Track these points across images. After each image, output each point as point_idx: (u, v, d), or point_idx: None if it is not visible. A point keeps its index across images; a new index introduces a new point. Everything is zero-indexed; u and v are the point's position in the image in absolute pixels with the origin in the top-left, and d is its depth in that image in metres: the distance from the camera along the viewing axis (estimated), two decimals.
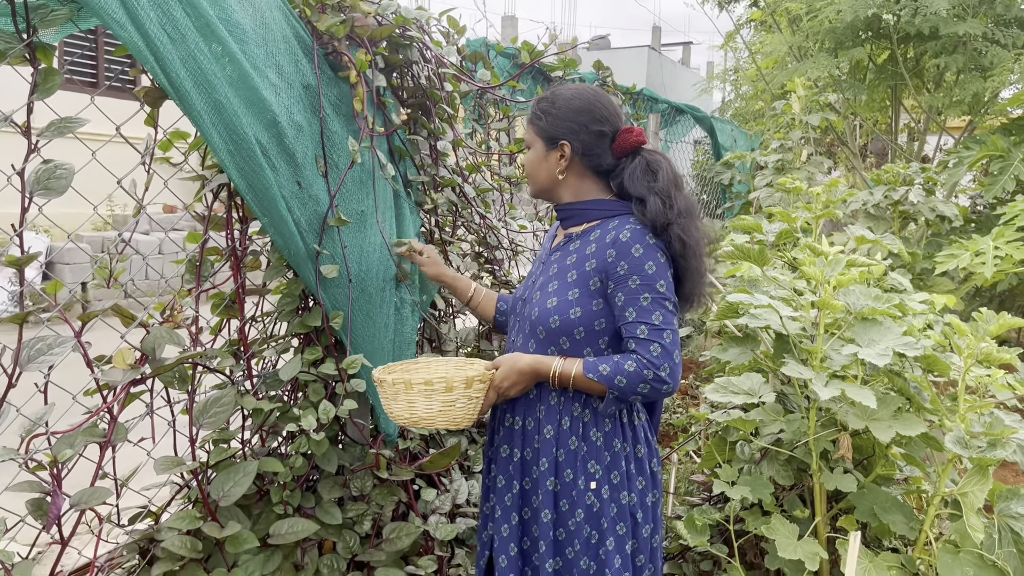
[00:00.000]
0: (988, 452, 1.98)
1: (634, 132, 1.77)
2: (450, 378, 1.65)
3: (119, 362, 1.66)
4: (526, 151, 1.86)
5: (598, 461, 1.73)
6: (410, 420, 1.67)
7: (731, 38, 9.03)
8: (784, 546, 2.11)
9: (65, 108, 1.63)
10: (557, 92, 1.81)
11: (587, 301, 1.70)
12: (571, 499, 1.72)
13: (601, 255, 1.70)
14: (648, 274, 1.65)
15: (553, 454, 1.74)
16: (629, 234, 1.68)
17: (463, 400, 1.67)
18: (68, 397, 1.75)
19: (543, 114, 1.79)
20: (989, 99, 6.15)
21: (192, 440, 1.84)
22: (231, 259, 1.99)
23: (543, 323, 1.73)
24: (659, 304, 1.65)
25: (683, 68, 26.70)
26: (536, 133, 1.81)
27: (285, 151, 1.84)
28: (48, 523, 1.54)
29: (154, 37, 1.51)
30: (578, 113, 1.76)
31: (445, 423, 1.68)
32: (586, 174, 1.80)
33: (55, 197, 1.49)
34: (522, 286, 1.92)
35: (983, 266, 3.76)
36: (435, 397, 1.64)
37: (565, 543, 1.73)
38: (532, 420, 1.79)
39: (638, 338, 1.64)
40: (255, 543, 1.84)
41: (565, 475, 1.73)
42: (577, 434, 1.73)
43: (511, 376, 1.72)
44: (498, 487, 1.83)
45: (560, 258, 1.81)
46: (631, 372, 1.63)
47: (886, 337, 2.14)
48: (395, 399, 1.67)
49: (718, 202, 7.22)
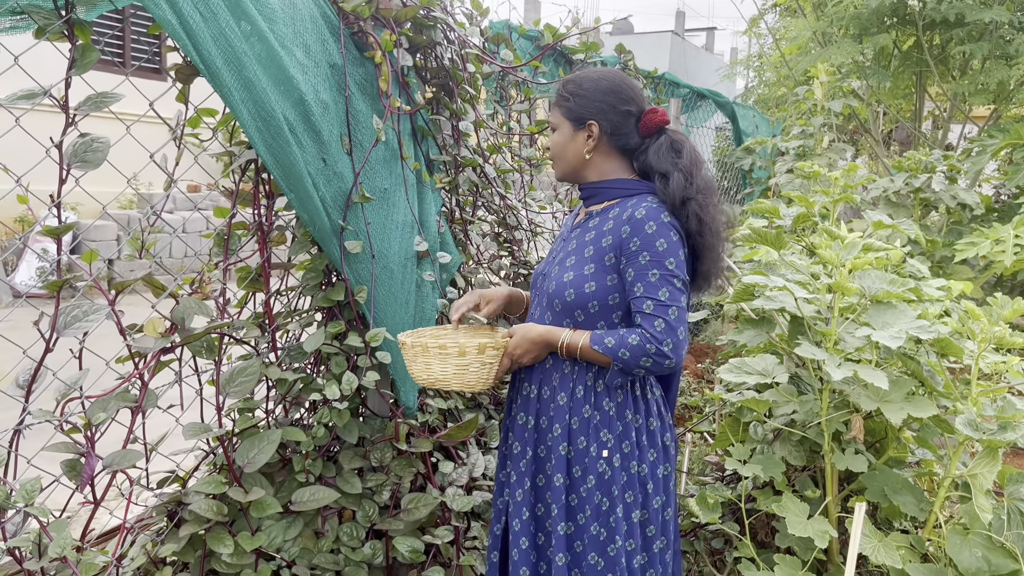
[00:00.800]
0: (998, 435, 2.00)
1: (659, 112, 1.81)
2: (463, 343, 1.76)
3: (150, 331, 1.72)
4: (550, 134, 1.90)
5: (610, 430, 1.78)
6: (428, 380, 1.80)
7: (755, 23, 8.97)
8: (795, 524, 2.15)
9: (95, 87, 1.68)
10: (582, 75, 1.85)
11: (602, 276, 1.75)
12: (583, 465, 1.78)
13: (616, 231, 1.75)
14: (659, 251, 1.69)
15: (567, 421, 1.79)
16: (645, 211, 1.72)
17: (476, 365, 1.78)
18: (101, 364, 1.81)
19: (571, 95, 1.82)
20: (1015, 87, 6.09)
21: (219, 408, 1.90)
22: (258, 234, 2.04)
23: (559, 296, 1.78)
24: (667, 281, 1.69)
25: (706, 54, 26.49)
26: (563, 114, 1.84)
27: (312, 128, 1.88)
28: (82, 483, 1.61)
29: (187, 15, 1.55)
30: (606, 94, 1.80)
31: (460, 385, 1.80)
32: (612, 154, 1.85)
33: (91, 169, 1.54)
34: (544, 262, 1.97)
35: (1003, 254, 3.75)
36: (449, 361, 1.77)
37: (576, 509, 1.79)
38: (548, 388, 1.84)
39: (644, 313, 1.68)
40: (278, 509, 1.90)
41: (578, 442, 1.78)
42: (590, 403, 1.79)
43: (523, 344, 1.80)
44: (514, 453, 1.89)
45: (580, 235, 1.85)
46: (634, 345, 1.67)
47: (900, 320, 2.16)
48: (414, 360, 1.80)
49: (738, 188, 7.20)
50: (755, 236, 2.68)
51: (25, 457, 1.64)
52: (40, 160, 1.64)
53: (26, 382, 1.58)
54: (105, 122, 1.86)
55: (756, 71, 10.91)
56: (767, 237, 2.66)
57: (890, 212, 4.55)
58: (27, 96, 1.46)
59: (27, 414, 1.57)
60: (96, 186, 3.31)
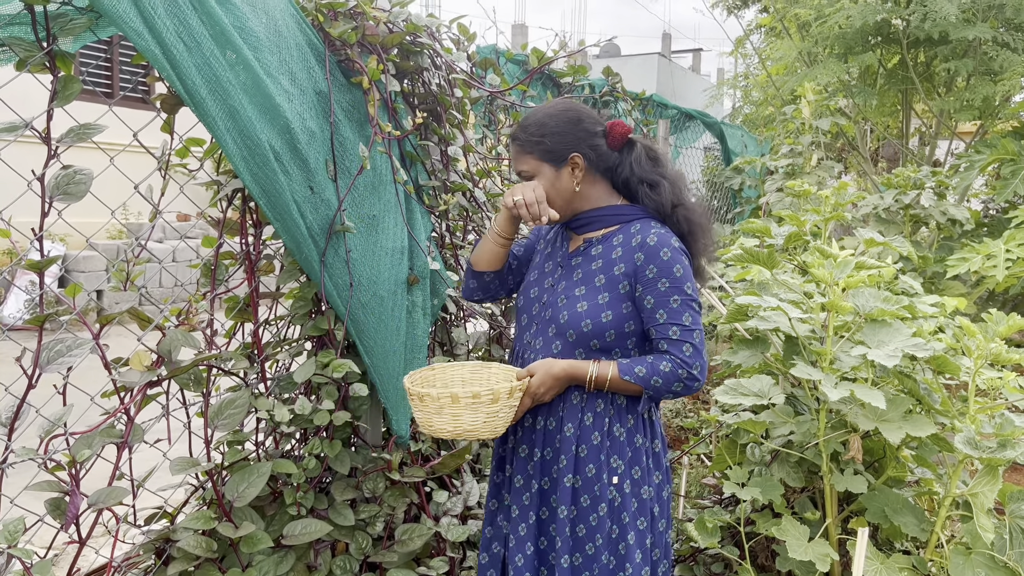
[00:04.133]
0: (998, 453, 1.98)
1: (620, 124, 1.83)
2: (497, 390, 1.65)
3: (136, 364, 1.69)
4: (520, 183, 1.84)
5: (620, 456, 1.76)
6: (453, 432, 1.66)
7: (740, 44, 9.05)
8: (795, 547, 2.12)
9: (81, 118, 1.66)
10: (537, 114, 1.82)
11: (617, 305, 1.75)
12: (592, 494, 1.75)
13: (629, 259, 1.75)
14: (676, 277, 1.71)
15: (573, 451, 1.76)
16: (656, 238, 1.73)
17: (506, 409, 1.69)
18: (86, 398, 1.77)
19: (541, 137, 1.79)
20: (1000, 103, 6.14)
21: (207, 441, 1.86)
22: (245, 263, 2.02)
23: (574, 327, 1.76)
24: (687, 306, 1.71)
25: (693, 75, 26.69)
26: (539, 158, 1.80)
27: (298, 156, 1.86)
28: (66, 522, 1.57)
29: (171, 45, 1.54)
30: (575, 123, 1.80)
31: (489, 433, 1.69)
32: (596, 179, 1.84)
33: (74, 202, 1.52)
34: (533, 284, 1.92)
35: (995, 269, 3.76)
36: (481, 409, 1.64)
37: (585, 539, 1.75)
38: (553, 419, 1.81)
39: (670, 339, 1.70)
40: (269, 543, 1.86)
41: (587, 470, 1.75)
42: (600, 430, 1.76)
43: (547, 382, 1.74)
44: (515, 487, 1.85)
45: (583, 263, 1.82)
46: (667, 372, 1.69)
47: (895, 338, 2.15)
48: (439, 413, 1.65)
49: (728, 207, 7.22)
50: (747, 256, 2.67)
51: (8, 496, 1.60)
52: (23, 193, 1.62)
53: (8, 419, 1.54)
54: (92, 152, 1.84)
55: (743, 91, 11.00)
56: (759, 257, 2.65)
57: (880, 229, 4.56)
58: (8, 129, 1.44)
59: (10, 452, 1.53)
60: (84, 217, 3.29)
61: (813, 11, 6.50)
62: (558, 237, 1.95)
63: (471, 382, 1.90)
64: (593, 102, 4.09)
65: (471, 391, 1.63)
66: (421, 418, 1.69)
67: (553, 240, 1.97)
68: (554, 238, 1.97)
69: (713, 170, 7.46)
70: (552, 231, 2.00)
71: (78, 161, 1.40)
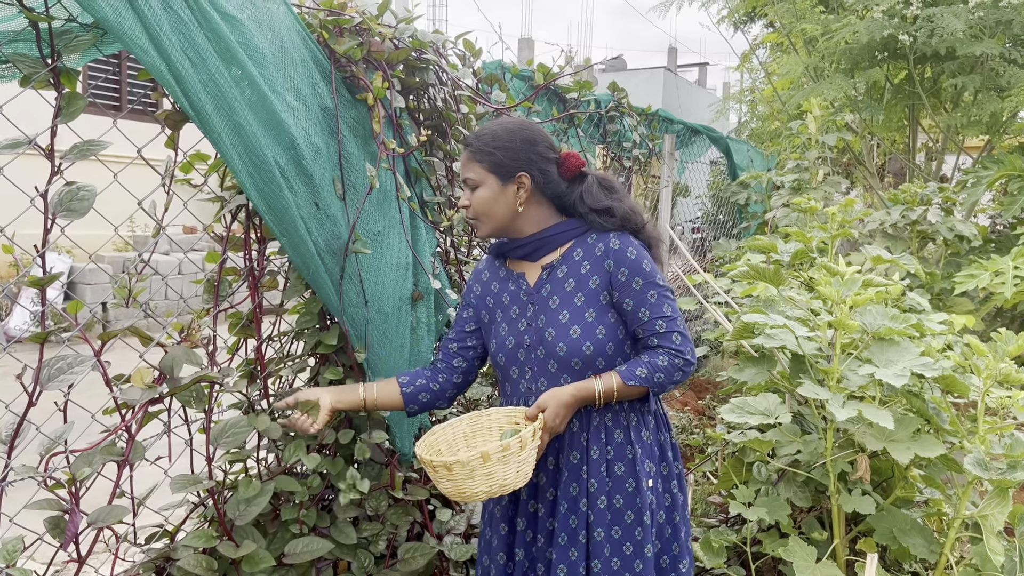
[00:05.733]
0: (1008, 474, 1.95)
1: (576, 156, 1.85)
2: (524, 435, 1.60)
3: (137, 381, 1.68)
4: (467, 192, 1.85)
5: (651, 459, 1.82)
6: (489, 492, 1.61)
7: (747, 59, 9.07)
8: (802, 569, 2.09)
9: (89, 131, 1.66)
10: (495, 127, 1.83)
11: (605, 318, 1.77)
12: (635, 507, 1.78)
13: (600, 269, 1.77)
14: (647, 272, 1.76)
15: (603, 473, 1.78)
16: (618, 241, 1.78)
17: (532, 454, 1.66)
18: (87, 416, 1.76)
19: (494, 149, 1.79)
20: (1007, 119, 6.13)
21: (209, 459, 1.85)
22: (249, 279, 2.01)
23: (576, 354, 1.76)
24: (664, 297, 1.76)
25: (699, 89, 26.76)
26: (487, 169, 1.80)
27: (303, 172, 1.86)
28: (66, 541, 1.55)
29: (176, 62, 1.53)
30: (531, 143, 1.81)
31: (522, 482, 1.64)
32: (542, 202, 1.85)
33: (77, 219, 1.51)
34: (506, 336, 1.87)
35: (1003, 286, 3.73)
36: (511, 460, 1.59)
37: (632, 553, 1.79)
38: (577, 452, 1.80)
39: (659, 333, 1.74)
40: (271, 562, 1.84)
41: (627, 486, 1.78)
42: (633, 442, 1.80)
43: (560, 412, 1.72)
44: (540, 535, 1.84)
45: (554, 289, 1.82)
46: (666, 366, 1.72)
47: (903, 357, 2.13)
48: (471, 477, 1.58)
49: (734, 222, 7.20)
50: (753, 272, 2.66)
51: (7, 515, 1.58)
52: (26, 209, 1.62)
53: (8, 437, 1.53)
54: (98, 166, 1.84)
55: (749, 106, 11.00)
56: (765, 273, 2.63)
57: (887, 245, 4.54)
58: (11, 146, 1.44)
59: (9, 470, 1.52)
60: (90, 229, 3.29)
61: (820, 26, 6.50)
62: (508, 281, 1.91)
63: (475, 435, 1.84)
64: (599, 118, 4.09)
65: (500, 444, 1.58)
66: (451, 487, 1.61)
67: (503, 285, 1.92)
68: (503, 283, 1.92)
69: (719, 185, 7.45)
70: (491, 279, 1.95)
71: (83, 174, 1.40)
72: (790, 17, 7.04)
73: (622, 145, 4.40)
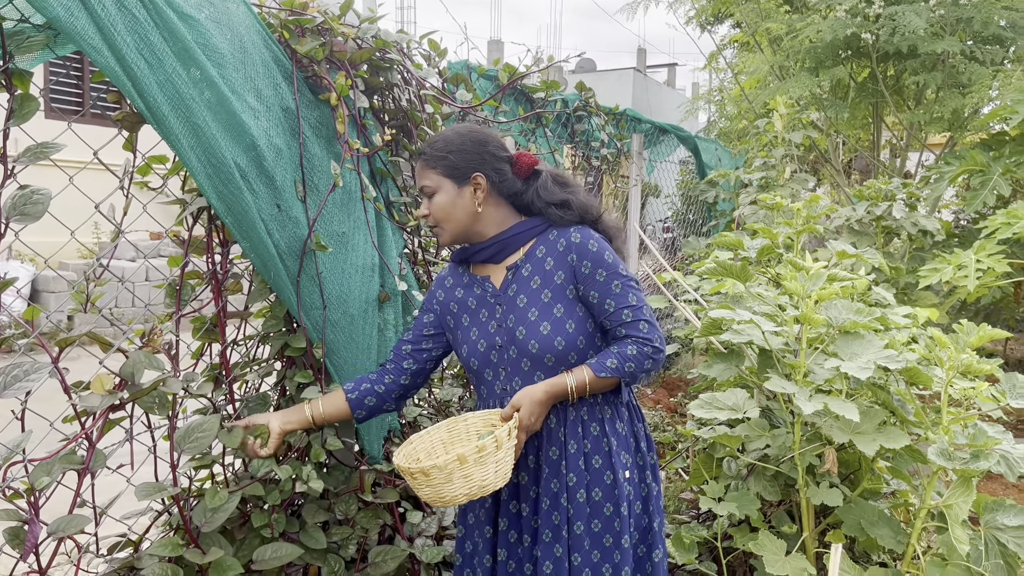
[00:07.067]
0: (972, 464, 1.98)
1: (528, 155, 1.87)
2: (499, 435, 1.60)
3: (97, 388, 1.65)
4: (425, 200, 1.85)
5: (626, 449, 1.83)
6: (468, 495, 1.61)
7: (713, 59, 9.13)
8: (772, 562, 2.11)
9: (50, 136, 1.62)
10: (445, 134, 1.86)
11: (573, 312, 1.78)
12: (614, 500, 1.78)
13: (563, 264, 1.79)
14: (610, 263, 1.77)
15: (581, 466, 1.78)
16: (579, 234, 1.80)
17: (510, 454, 1.66)
18: (45, 424, 1.73)
19: (447, 154, 1.81)
20: (969, 115, 6.23)
21: (173, 466, 1.82)
22: (212, 283, 1.98)
23: (549, 350, 1.76)
24: (628, 287, 1.77)
25: (668, 89, 26.93)
26: (444, 173, 1.81)
27: (264, 174, 1.84)
28: (25, 552, 1.52)
29: (131, 62, 1.51)
30: (482, 144, 1.83)
31: (502, 482, 1.64)
32: (500, 202, 1.86)
33: (31, 223, 1.48)
34: (477, 340, 1.86)
35: (966, 279, 3.79)
36: (488, 460, 1.59)
37: (611, 546, 1.79)
38: (556, 448, 1.81)
39: (626, 323, 1.75)
40: (239, 569, 1.81)
41: (605, 478, 1.79)
42: (609, 435, 1.81)
43: (535, 410, 1.72)
44: (524, 531, 1.85)
45: (521, 288, 1.82)
46: (635, 355, 1.73)
47: (868, 350, 2.15)
48: (449, 481, 1.58)
49: (704, 220, 7.25)
50: (721, 269, 2.68)
51: None
52: None
53: None
54: (59, 171, 1.80)
55: (718, 105, 11.08)
56: (732, 270, 2.65)
57: (853, 241, 4.59)
58: None
59: None
60: (55, 236, 3.23)
61: (784, 26, 6.57)
62: (473, 285, 1.91)
63: (454, 441, 1.83)
64: (567, 117, 4.10)
65: (475, 446, 1.58)
66: (430, 493, 1.61)
67: (467, 291, 1.92)
68: (468, 288, 1.92)
69: (688, 183, 7.50)
70: (455, 285, 1.95)
71: (44, 180, 1.37)
72: (755, 16, 7.10)
73: (590, 145, 4.41)
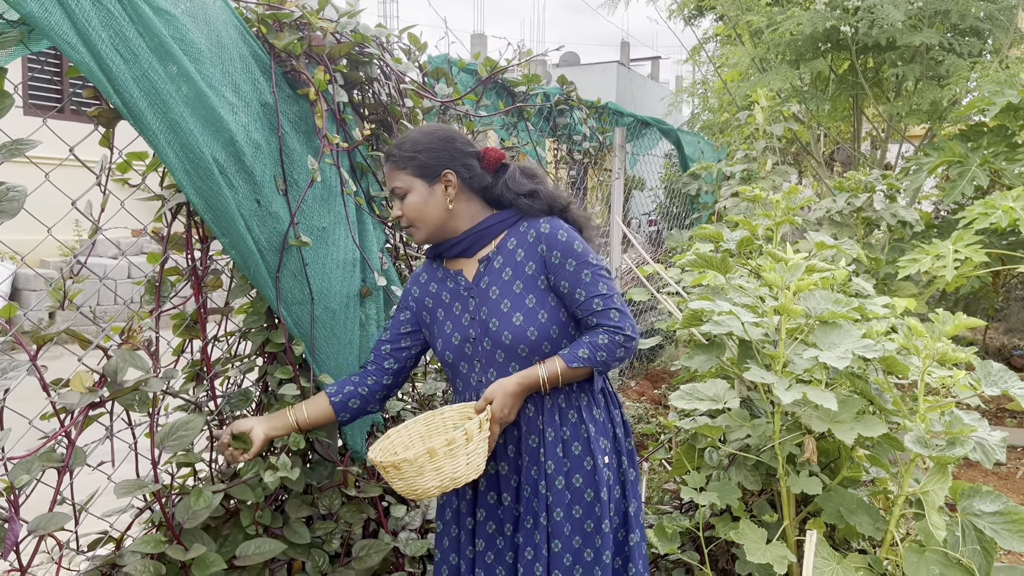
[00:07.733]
0: (948, 451, 2.01)
1: (494, 149, 1.90)
2: (469, 427, 1.63)
3: (76, 385, 1.64)
4: (397, 202, 1.87)
5: (604, 435, 1.85)
6: (441, 487, 1.63)
7: (696, 52, 9.15)
8: (753, 551, 2.13)
9: (26, 133, 1.61)
10: (412, 135, 1.87)
11: (545, 302, 1.79)
12: (594, 486, 1.80)
13: (533, 254, 1.80)
14: (579, 252, 1.78)
15: (559, 454, 1.80)
16: (548, 225, 1.81)
17: (482, 446, 1.68)
18: (24, 422, 1.72)
19: (415, 154, 1.83)
20: (947, 107, 6.28)
21: (154, 462, 1.82)
22: (192, 279, 1.98)
23: (522, 340, 1.77)
24: (598, 276, 1.78)
25: (652, 82, 26.93)
26: (414, 174, 1.83)
27: (243, 169, 1.83)
28: (5, 550, 1.51)
29: (106, 57, 1.50)
30: (448, 142, 1.85)
31: (474, 473, 1.66)
32: (472, 197, 1.88)
33: (6, 220, 1.47)
34: (451, 333, 1.87)
35: (944, 269, 3.83)
36: (459, 453, 1.61)
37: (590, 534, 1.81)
38: (535, 436, 1.82)
39: (596, 312, 1.76)
40: (222, 565, 1.82)
41: (584, 464, 1.81)
42: (587, 421, 1.82)
43: (508, 402, 1.74)
44: (498, 521, 1.86)
45: (493, 280, 1.84)
46: (607, 344, 1.75)
47: (846, 340, 2.17)
48: (421, 474, 1.60)
49: (686, 213, 7.28)
50: (701, 261, 2.69)
51: None
52: None
53: None
54: (36, 168, 1.79)
55: (701, 98, 11.12)
56: (713, 262, 2.67)
57: (834, 232, 4.63)
58: None
59: None
60: (35, 234, 3.20)
61: (765, 18, 6.59)
62: (446, 280, 1.92)
63: (431, 435, 1.85)
64: (548, 111, 4.10)
65: (445, 439, 1.60)
66: (403, 487, 1.63)
67: (441, 285, 1.93)
68: (441, 283, 1.93)
69: (671, 176, 7.52)
70: (429, 281, 1.96)
71: (22, 178, 1.36)
72: (737, 9, 7.12)
73: (572, 139, 4.42)
